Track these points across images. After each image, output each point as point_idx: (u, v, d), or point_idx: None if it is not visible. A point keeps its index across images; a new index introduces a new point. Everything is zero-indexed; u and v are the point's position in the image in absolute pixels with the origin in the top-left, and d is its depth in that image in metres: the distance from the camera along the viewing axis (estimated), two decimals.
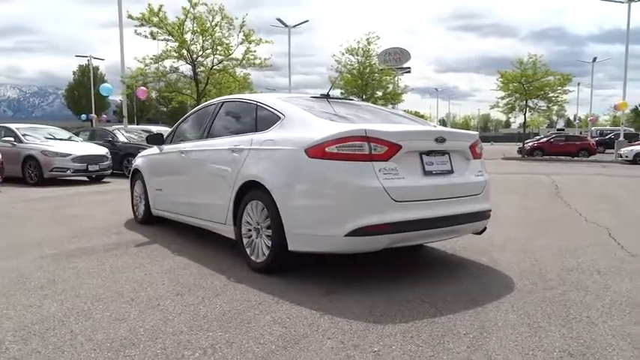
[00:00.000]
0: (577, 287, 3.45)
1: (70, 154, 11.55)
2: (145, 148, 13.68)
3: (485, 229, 4.01)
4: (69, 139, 13.07)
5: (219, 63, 17.96)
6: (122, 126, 18.46)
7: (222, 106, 4.79)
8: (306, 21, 31.37)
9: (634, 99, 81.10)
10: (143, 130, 17.40)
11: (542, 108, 27.85)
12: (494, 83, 27.44)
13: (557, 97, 26.43)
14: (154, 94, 30.52)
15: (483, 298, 3.20)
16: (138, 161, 6.19)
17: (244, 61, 18.17)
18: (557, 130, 59.83)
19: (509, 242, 4.93)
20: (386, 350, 2.39)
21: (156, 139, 5.58)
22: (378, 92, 28.15)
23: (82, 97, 55.88)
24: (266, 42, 17.93)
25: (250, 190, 3.88)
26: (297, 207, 3.43)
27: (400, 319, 2.81)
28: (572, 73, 26.52)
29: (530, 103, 27.22)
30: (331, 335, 2.57)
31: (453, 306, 3.03)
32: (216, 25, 16.88)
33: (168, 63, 17.96)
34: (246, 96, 4.71)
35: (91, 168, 11.92)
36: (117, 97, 49.12)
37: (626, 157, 23.25)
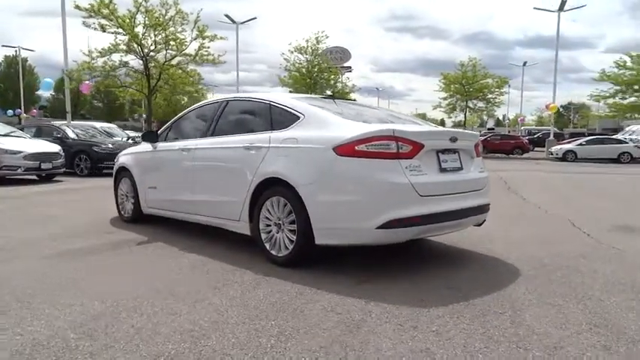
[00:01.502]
0: (572, 271, 3.87)
1: (22, 152, 10.95)
2: (98, 145, 13.47)
3: (484, 221, 4.38)
4: (8, 134, 12.28)
5: (172, 58, 17.57)
6: (65, 122, 17.61)
7: (227, 104, 4.86)
8: (254, 18, 31.24)
9: (557, 100, 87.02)
10: (91, 127, 16.76)
11: (481, 108, 29.42)
12: (436, 84, 28.68)
13: (495, 98, 28.07)
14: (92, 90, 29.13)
15: (498, 283, 3.54)
16: (123, 159, 6.09)
17: (197, 58, 17.88)
18: (488, 129, 63.14)
19: (492, 234, 5.31)
20: (443, 329, 2.65)
21: (151, 137, 5.52)
22: (327, 91, 28.54)
23: (9, 91, 52.15)
24: (221, 38, 17.77)
25: (270, 187, 4.02)
26: (326, 202, 3.62)
27: (438, 302, 3.08)
28: (505, 76, 28.30)
29: (470, 104, 28.70)
30: (386, 319, 2.80)
31: (476, 291, 3.34)
32: (169, 20, 16.50)
33: (116, 57, 17.36)
34: (255, 95, 4.81)
35: (43, 166, 11.35)
36: (47, 92, 46.56)
37: (557, 154, 25.15)
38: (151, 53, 17.11)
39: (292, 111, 4.13)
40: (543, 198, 8.75)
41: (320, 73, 28.48)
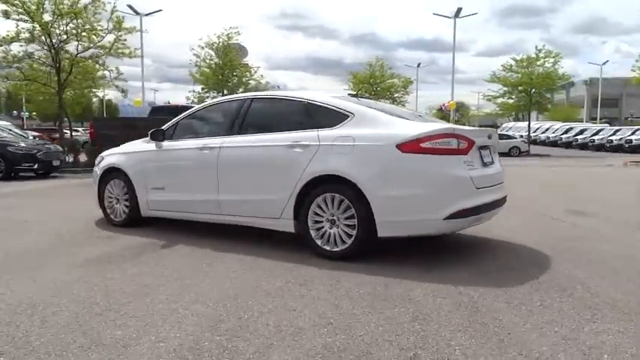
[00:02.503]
0: (583, 251, 4.44)
1: None
2: (12, 145, 12.12)
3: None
4: None
5: (85, 50, 16.26)
6: None
7: (251, 102, 4.83)
8: (160, 10, 29.77)
9: (437, 99, 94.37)
10: None
11: None
12: (346, 84, 29.73)
13: (401, 97, 29.82)
14: None
15: (540, 264, 3.99)
16: (113, 159, 5.70)
17: (112, 50, 16.76)
18: None
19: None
20: (547, 303, 3.02)
21: (159, 135, 5.25)
22: (239, 89, 28.17)
23: None
24: (138, 31, 16.83)
25: (322, 184, 4.12)
26: (391, 197, 3.83)
27: (514, 282, 3.45)
28: (408, 76, 30.17)
29: None
30: (493, 299, 3.10)
31: (531, 271, 3.76)
32: (84, 8, 15.25)
33: (15, 47, 15.63)
34: (287, 94, 4.84)
35: None
36: None
37: None
38: (61, 44, 15.65)
39: (339, 110, 4.25)
40: None
41: (232, 70, 28.01)
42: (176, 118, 5.43)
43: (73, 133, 27.40)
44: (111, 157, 5.79)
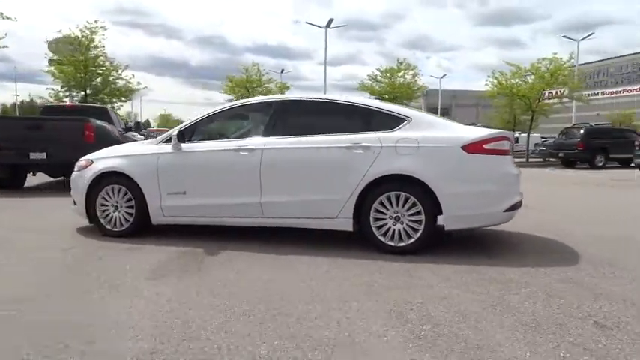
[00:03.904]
0: (577, 237, 5.40)
1: None
2: None
3: None
4: None
5: None
6: None
7: (291, 104, 4.86)
8: None
9: None
10: None
11: None
12: (223, 88, 29.33)
13: None
14: None
15: (564, 250, 4.72)
16: (112, 162, 5.12)
17: None
18: None
19: None
20: (618, 274, 3.74)
21: (182, 137, 4.89)
22: (106, 89, 25.87)
23: None
24: (7, 18, 14.67)
25: (385, 184, 4.37)
26: (459, 193, 4.25)
27: (569, 262, 4.15)
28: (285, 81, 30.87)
29: None
30: (576, 275, 3.72)
31: (564, 255, 4.49)
32: None
33: None
34: (333, 97, 4.92)
35: None
36: None
37: None
38: None
39: (396, 114, 4.55)
40: None
41: (97, 68, 25.64)
42: (193, 120, 5.13)
43: None
44: (107, 160, 5.21)
